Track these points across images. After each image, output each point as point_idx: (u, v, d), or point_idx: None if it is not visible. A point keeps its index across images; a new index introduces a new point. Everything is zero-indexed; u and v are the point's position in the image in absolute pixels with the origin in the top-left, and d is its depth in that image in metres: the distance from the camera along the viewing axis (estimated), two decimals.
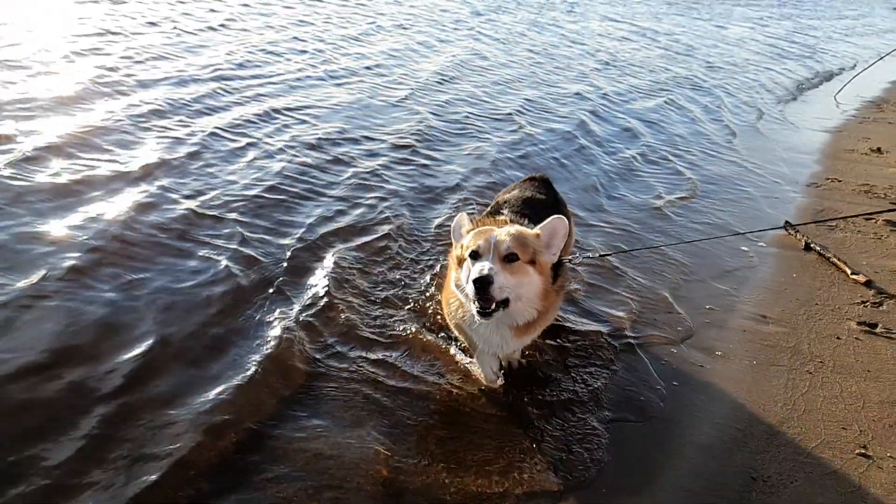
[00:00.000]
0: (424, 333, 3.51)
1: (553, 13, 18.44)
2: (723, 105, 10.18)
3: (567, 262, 3.00)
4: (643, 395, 3.26)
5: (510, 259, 2.57)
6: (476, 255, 2.59)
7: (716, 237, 5.02)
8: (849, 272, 4.68)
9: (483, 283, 2.46)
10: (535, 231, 2.74)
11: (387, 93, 8.22)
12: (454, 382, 3.19)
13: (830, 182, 6.92)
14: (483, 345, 2.87)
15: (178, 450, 2.54)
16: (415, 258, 4.34)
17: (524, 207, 3.18)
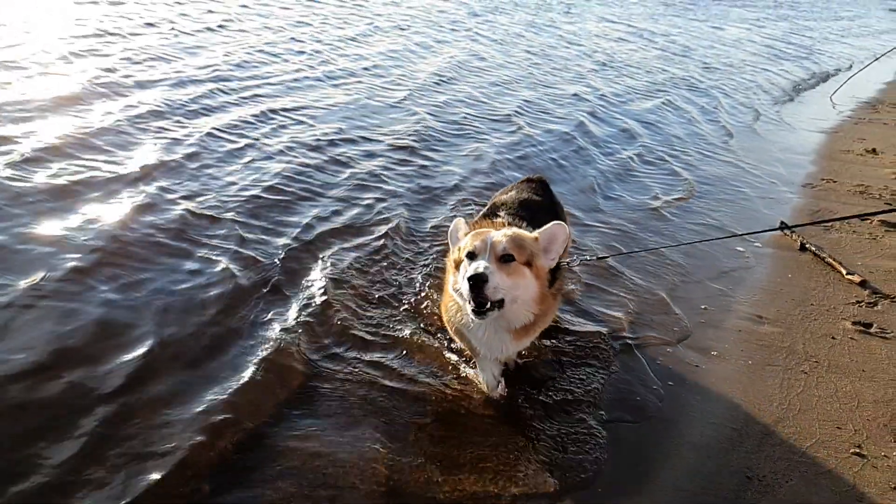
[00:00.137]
0: (421, 334, 3.52)
1: (550, 14, 18.48)
2: (720, 106, 10.22)
3: (565, 266, 3.00)
4: (640, 396, 3.28)
5: (506, 260, 2.56)
6: (472, 256, 2.59)
7: (712, 239, 5.05)
8: (844, 272, 4.71)
9: (477, 281, 2.43)
10: (534, 234, 2.74)
11: (385, 94, 8.23)
12: (451, 383, 3.21)
13: (826, 183, 6.96)
14: (483, 349, 2.85)
15: (177, 451, 2.55)
16: (413, 259, 4.36)
17: (521, 210, 3.18)
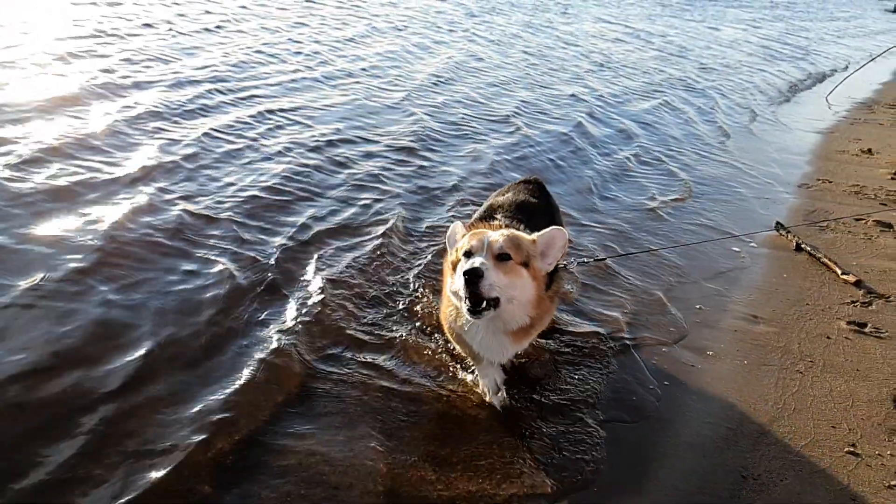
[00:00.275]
0: (419, 336, 3.53)
1: (547, 14, 18.53)
2: (716, 106, 10.26)
3: (562, 269, 3.01)
4: (636, 395, 3.30)
5: (503, 258, 2.56)
6: (469, 254, 2.59)
7: (709, 240, 5.07)
8: (839, 272, 4.74)
9: (473, 276, 2.42)
10: (532, 237, 2.75)
11: (383, 94, 8.25)
12: (447, 384, 3.22)
13: (822, 183, 6.99)
14: (482, 352, 2.84)
15: (175, 451, 2.56)
16: (410, 260, 4.37)
17: (518, 212, 3.18)
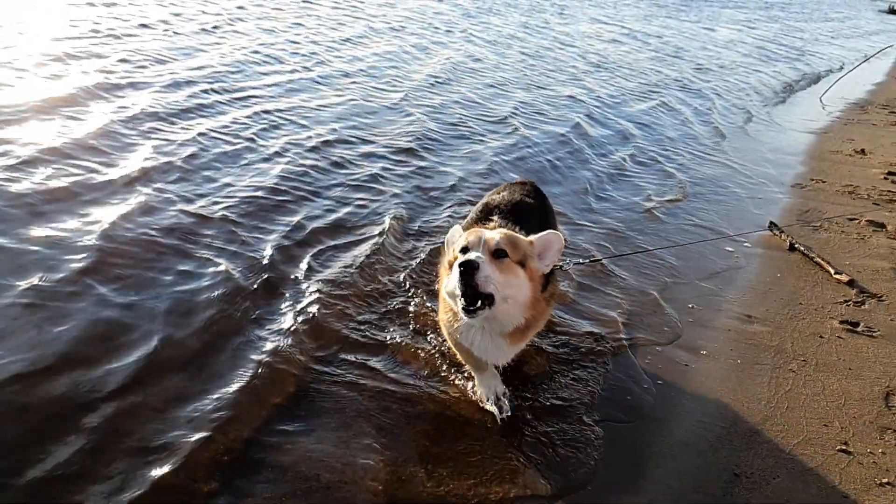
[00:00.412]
0: (415, 337, 3.55)
1: (543, 15, 18.58)
2: (713, 107, 10.32)
3: (558, 270, 3.01)
4: (632, 395, 3.32)
5: (499, 255, 2.57)
6: (466, 251, 2.60)
7: (703, 241, 5.11)
8: (832, 272, 4.78)
9: (469, 268, 2.41)
10: (530, 239, 2.76)
11: (381, 95, 8.27)
12: (444, 386, 3.23)
13: (815, 183, 7.04)
14: (480, 354, 2.84)
15: (173, 452, 2.57)
16: (409, 262, 4.38)
17: (514, 214, 3.17)
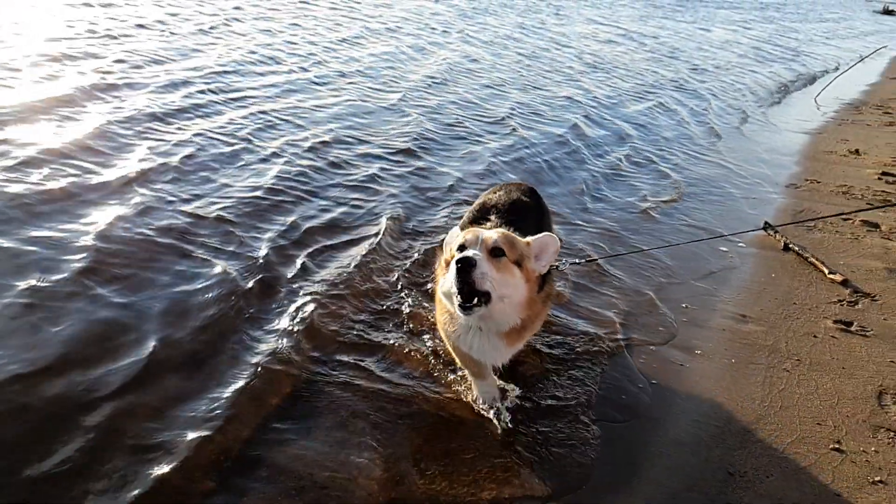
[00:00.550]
0: (412, 338, 3.56)
1: (539, 16, 18.61)
2: (709, 108, 10.37)
3: (555, 271, 3.02)
4: (627, 395, 3.35)
5: (497, 254, 2.57)
6: (463, 248, 2.60)
7: (698, 240, 5.14)
8: (826, 272, 4.81)
9: (465, 264, 2.41)
10: (527, 239, 2.77)
11: (379, 96, 8.28)
12: (440, 386, 3.24)
13: (809, 183, 7.09)
14: (478, 356, 2.84)
15: (171, 452, 2.58)
16: (407, 262, 4.38)
17: (511, 214, 3.17)
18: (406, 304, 3.86)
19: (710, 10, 27.55)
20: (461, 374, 3.27)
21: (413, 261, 4.41)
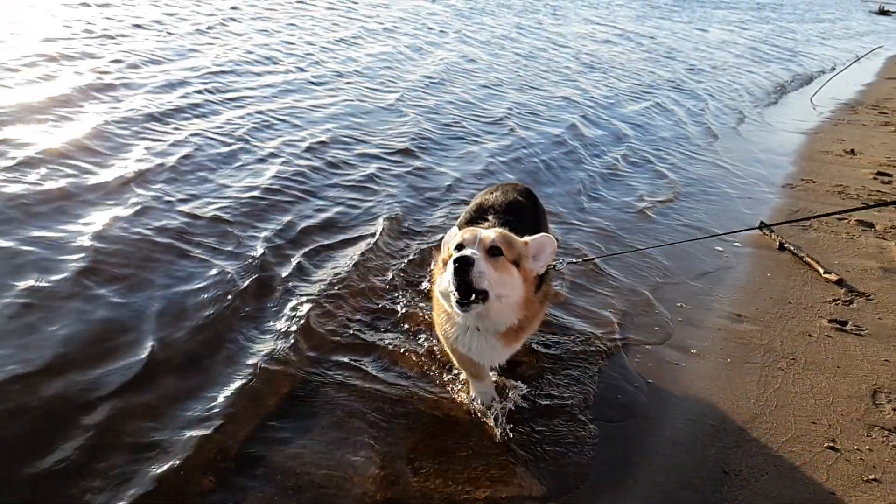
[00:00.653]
0: (409, 338, 3.57)
1: (536, 16, 18.63)
2: (706, 108, 10.39)
3: (552, 271, 3.02)
4: (623, 394, 3.36)
5: (494, 253, 2.57)
6: (461, 248, 2.60)
7: (693, 239, 5.16)
8: (821, 271, 4.84)
9: (463, 263, 2.41)
10: (525, 239, 2.77)
11: (376, 96, 8.28)
12: (437, 387, 3.25)
13: (805, 183, 7.11)
14: (475, 356, 2.84)
15: (170, 453, 2.59)
16: (405, 262, 4.39)
17: (508, 215, 3.19)
18: (403, 304, 3.87)
19: (707, 11, 27.62)
20: (458, 375, 3.28)
21: (410, 261, 4.42)
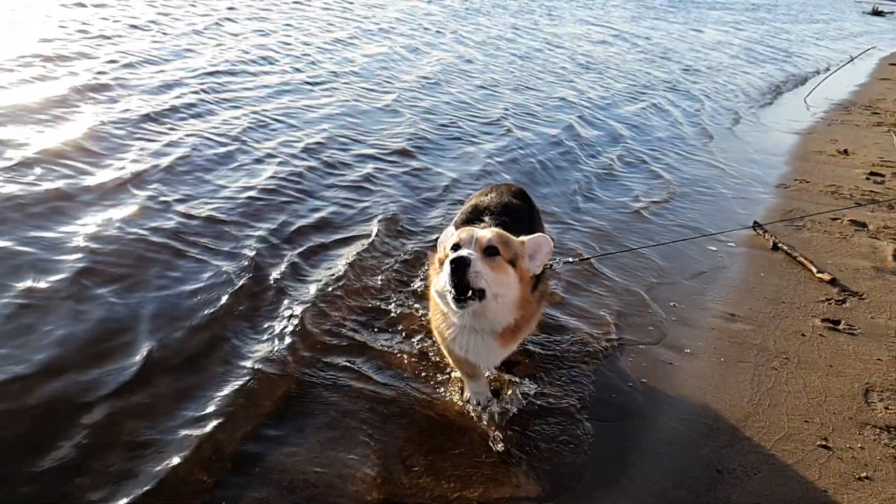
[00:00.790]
0: (404, 339, 3.57)
1: (532, 16, 18.67)
2: (702, 109, 10.45)
3: (548, 271, 3.02)
4: (617, 394, 3.38)
5: (491, 253, 2.57)
6: (457, 248, 2.60)
7: (686, 239, 5.20)
8: (815, 271, 4.87)
9: (460, 264, 2.41)
10: (521, 239, 2.77)
11: (373, 97, 8.29)
12: (432, 388, 3.25)
13: (799, 183, 7.16)
14: (471, 357, 2.83)
15: (163, 454, 2.60)
16: (401, 263, 4.40)
17: (504, 216, 3.18)
18: (398, 305, 3.89)
19: (702, 12, 27.73)
20: (453, 375, 3.29)
21: (406, 261, 4.43)
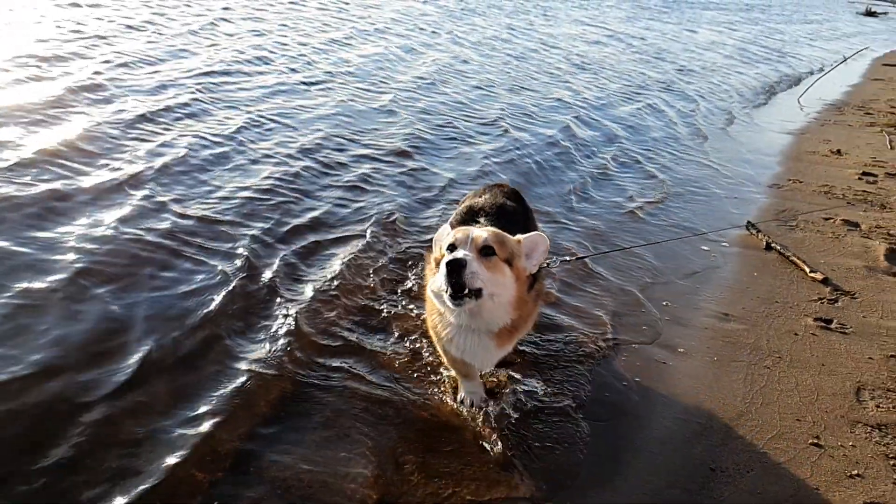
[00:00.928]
0: (400, 340, 3.59)
1: (527, 17, 18.70)
2: (696, 109, 10.50)
3: (545, 270, 3.03)
4: (611, 393, 3.40)
5: (487, 253, 2.58)
6: (453, 248, 2.61)
7: (679, 238, 5.24)
8: (807, 270, 4.92)
9: (455, 265, 2.43)
10: (518, 238, 2.77)
11: (369, 97, 8.29)
12: (426, 388, 3.26)
13: (792, 183, 7.22)
14: (467, 358, 2.83)
15: (160, 454, 2.61)
16: (398, 264, 4.42)
17: (500, 217, 3.19)
18: (393, 306, 3.90)
19: (697, 12, 27.83)
20: (447, 374, 3.31)
21: (402, 262, 4.45)
